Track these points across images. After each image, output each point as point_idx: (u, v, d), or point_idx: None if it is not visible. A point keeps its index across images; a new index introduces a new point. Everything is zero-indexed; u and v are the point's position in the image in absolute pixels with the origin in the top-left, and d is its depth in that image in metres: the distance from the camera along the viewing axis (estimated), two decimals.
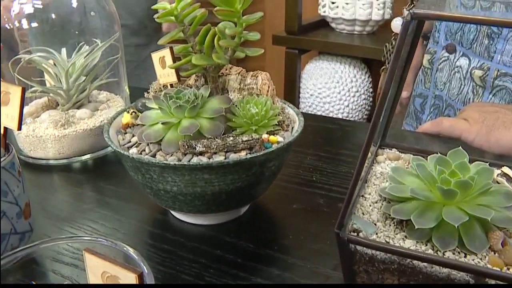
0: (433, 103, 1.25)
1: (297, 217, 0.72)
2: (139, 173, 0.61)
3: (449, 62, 1.16)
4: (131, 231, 0.69)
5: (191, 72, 0.67)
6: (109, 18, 0.93)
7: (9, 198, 0.59)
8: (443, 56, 1.19)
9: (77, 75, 0.89)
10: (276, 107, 0.66)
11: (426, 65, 1.26)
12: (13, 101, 0.61)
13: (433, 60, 1.24)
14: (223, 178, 0.59)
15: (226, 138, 0.60)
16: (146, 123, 0.63)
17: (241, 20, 0.63)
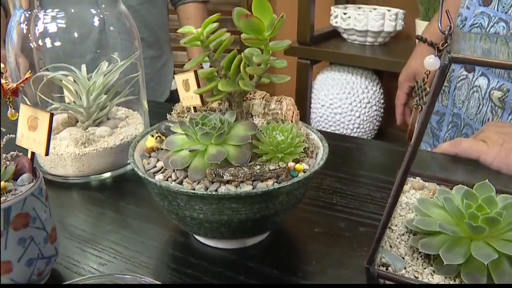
0: (451, 121, 1.25)
1: (319, 242, 0.72)
2: (165, 199, 0.61)
3: (468, 81, 1.15)
4: (154, 254, 0.69)
5: (217, 97, 0.67)
6: (129, 35, 0.93)
7: (37, 224, 0.59)
8: (461, 74, 1.18)
9: (98, 93, 0.89)
10: (302, 134, 0.66)
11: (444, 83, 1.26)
12: (41, 126, 0.61)
13: (451, 78, 1.23)
14: (250, 207, 0.59)
15: (253, 166, 0.61)
16: (171, 149, 0.63)
17: (268, 47, 0.63)
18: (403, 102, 1.51)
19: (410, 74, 1.44)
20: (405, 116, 1.54)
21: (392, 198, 0.48)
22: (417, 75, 1.42)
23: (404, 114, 1.54)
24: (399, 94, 1.51)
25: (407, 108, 1.53)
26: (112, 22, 0.93)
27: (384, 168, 0.93)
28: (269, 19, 0.60)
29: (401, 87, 1.49)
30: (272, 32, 0.60)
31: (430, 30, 1.40)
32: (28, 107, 0.63)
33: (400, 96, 1.51)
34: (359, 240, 0.72)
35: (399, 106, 1.53)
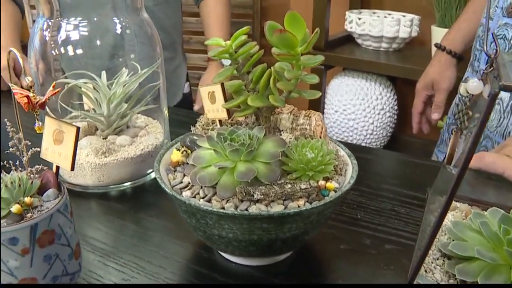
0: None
1: (344, 259, 0.70)
2: (193, 217, 0.59)
3: None
4: (178, 270, 0.68)
5: (246, 113, 0.65)
6: (151, 43, 0.92)
7: (62, 240, 0.58)
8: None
9: (118, 102, 0.88)
10: (332, 151, 0.64)
11: (463, 93, 1.24)
12: (67, 140, 0.60)
13: None
14: (281, 227, 0.57)
15: (283, 185, 0.59)
16: (199, 165, 0.62)
17: (299, 62, 0.61)
18: (420, 110, 1.49)
19: (428, 83, 1.43)
20: (422, 125, 1.53)
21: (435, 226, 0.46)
22: (435, 84, 1.40)
23: (420, 122, 1.53)
24: (417, 102, 1.49)
25: (423, 116, 1.52)
26: (134, 30, 0.91)
27: (407, 182, 0.92)
28: (302, 34, 0.59)
29: (419, 95, 1.48)
30: (306, 48, 0.59)
31: (449, 38, 1.39)
32: (54, 120, 0.61)
33: (417, 104, 1.49)
34: (385, 258, 0.70)
35: (416, 115, 1.51)
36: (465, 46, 1.35)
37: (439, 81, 1.39)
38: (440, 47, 1.39)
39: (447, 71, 1.37)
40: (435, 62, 1.41)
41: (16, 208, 0.54)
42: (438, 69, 1.39)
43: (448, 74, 1.37)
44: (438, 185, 0.65)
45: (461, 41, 1.35)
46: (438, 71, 1.39)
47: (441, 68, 1.38)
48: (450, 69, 1.37)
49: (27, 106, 0.57)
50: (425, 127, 1.53)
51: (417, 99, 1.49)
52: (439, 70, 1.38)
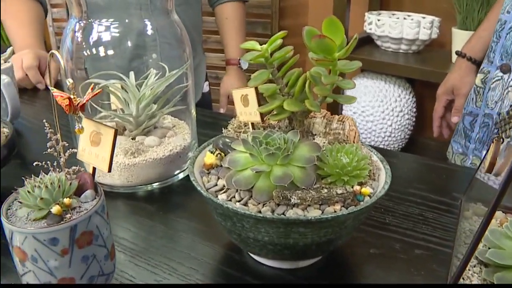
0: (482, 121, 1.28)
1: (374, 264, 0.70)
2: (229, 220, 0.60)
3: (503, 82, 1.18)
4: (209, 272, 0.68)
5: (281, 116, 0.66)
6: (180, 44, 0.92)
7: (99, 242, 0.58)
8: (496, 75, 1.21)
9: (147, 102, 0.88)
10: (366, 156, 0.64)
11: (478, 84, 1.29)
12: (105, 142, 0.60)
13: (486, 80, 1.26)
14: (318, 231, 0.57)
15: (320, 190, 0.59)
16: (234, 168, 0.62)
17: (336, 67, 0.61)
18: (441, 115, 1.54)
19: (448, 88, 1.47)
20: (442, 129, 1.56)
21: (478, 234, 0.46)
22: (455, 89, 1.45)
23: (441, 126, 1.57)
24: (437, 107, 1.53)
25: (443, 121, 1.56)
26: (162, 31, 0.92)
27: (434, 187, 0.92)
28: (340, 39, 0.59)
29: (440, 100, 1.52)
30: (344, 53, 0.59)
31: (469, 46, 1.43)
32: (91, 121, 0.62)
33: (438, 109, 1.54)
34: (415, 263, 0.70)
35: (437, 119, 1.55)
36: (484, 53, 1.38)
37: (460, 87, 1.44)
38: (461, 54, 1.44)
39: (467, 77, 1.42)
40: (456, 68, 1.46)
41: (56, 209, 0.55)
42: (459, 75, 1.44)
43: (468, 80, 1.42)
44: (472, 192, 0.65)
45: (481, 49, 1.40)
46: (458, 77, 1.44)
47: (461, 74, 1.43)
48: (470, 76, 1.42)
49: (68, 108, 0.58)
50: (445, 131, 1.58)
51: (438, 103, 1.53)
52: (460, 76, 1.44)
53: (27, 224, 0.55)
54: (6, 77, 1.05)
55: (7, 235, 0.56)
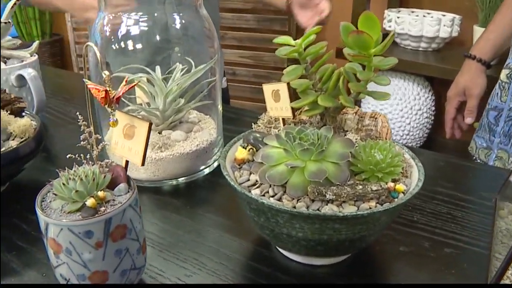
0: (507, 115, 1.29)
1: (404, 262, 0.70)
2: (263, 216, 0.59)
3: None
4: (239, 267, 0.68)
5: (314, 112, 0.65)
6: (210, 39, 0.92)
7: (132, 235, 0.58)
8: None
9: (174, 96, 0.88)
10: (399, 153, 0.64)
11: (504, 79, 1.31)
12: (139, 135, 0.60)
13: (511, 75, 1.28)
14: (353, 228, 0.57)
15: (355, 186, 0.59)
16: (268, 163, 0.62)
17: (371, 63, 0.61)
18: (453, 116, 1.56)
19: (460, 90, 1.49)
20: (454, 130, 1.59)
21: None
22: (467, 90, 1.47)
23: (453, 127, 1.59)
24: (449, 108, 1.56)
25: (455, 122, 1.58)
26: (194, 27, 0.91)
27: (461, 186, 0.91)
28: (377, 34, 0.58)
29: (451, 102, 1.54)
30: (381, 49, 0.58)
31: (478, 48, 1.45)
32: (125, 114, 0.62)
33: (450, 110, 1.56)
34: (445, 262, 0.70)
35: (449, 121, 1.58)
36: (493, 54, 1.44)
37: (472, 88, 1.46)
38: (470, 56, 1.46)
39: (479, 79, 1.45)
40: (466, 70, 1.48)
41: (90, 202, 0.55)
42: (470, 77, 1.46)
43: (480, 82, 1.45)
44: (508, 191, 0.64)
45: (489, 50, 1.43)
46: (469, 78, 1.46)
47: (472, 75, 1.46)
48: (481, 77, 1.45)
49: (103, 101, 0.57)
50: (457, 132, 1.61)
51: (449, 105, 1.56)
52: (471, 77, 1.46)
53: (62, 217, 0.55)
54: (32, 70, 1.05)
55: (41, 226, 0.56)
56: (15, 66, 1.07)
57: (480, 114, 1.46)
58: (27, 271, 0.68)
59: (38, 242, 0.74)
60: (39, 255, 0.71)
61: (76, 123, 1.12)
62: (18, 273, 0.68)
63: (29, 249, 0.73)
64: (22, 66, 1.08)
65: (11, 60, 1.10)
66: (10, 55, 1.10)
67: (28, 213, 0.81)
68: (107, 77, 0.57)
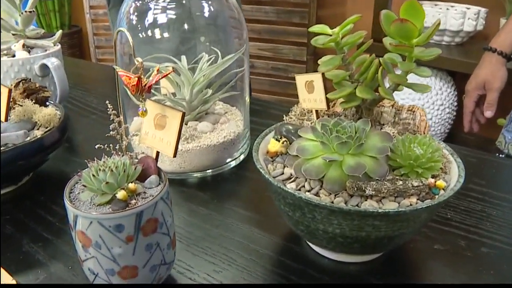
0: None
1: (440, 260, 0.67)
2: (298, 211, 0.57)
3: None
4: (270, 264, 0.66)
5: (352, 104, 0.63)
6: (238, 28, 0.90)
7: (163, 229, 0.56)
8: None
9: (201, 87, 0.86)
10: (439, 148, 0.61)
11: None
12: (171, 125, 0.58)
13: None
14: (392, 225, 0.55)
15: (395, 182, 0.56)
16: (303, 156, 0.60)
17: (412, 54, 0.58)
18: (472, 110, 1.55)
19: (479, 83, 1.48)
20: (472, 124, 1.58)
21: None
22: (487, 84, 1.46)
23: (471, 121, 1.59)
24: (468, 102, 1.55)
25: (474, 116, 1.57)
26: (223, 16, 0.89)
27: (494, 183, 0.88)
28: (420, 24, 0.55)
29: (470, 95, 1.53)
30: (424, 39, 0.56)
31: (499, 41, 1.45)
32: (156, 104, 0.60)
33: (468, 104, 1.55)
34: (483, 262, 0.67)
35: (467, 114, 1.57)
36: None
37: (492, 81, 1.45)
38: (491, 49, 1.46)
39: (499, 72, 1.44)
40: (486, 63, 1.47)
41: (121, 194, 0.53)
42: (490, 70, 1.45)
43: (500, 75, 1.44)
44: None
45: (510, 43, 1.43)
46: (489, 72, 1.45)
47: (492, 68, 1.45)
48: (501, 70, 1.45)
49: (135, 89, 0.55)
50: (475, 126, 1.60)
51: (468, 99, 1.55)
52: (491, 70, 1.45)
53: (92, 209, 0.53)
54: (55, 59, 1.03)
55: (70, 219, 0.54)
56: (39, 55, 1.05)
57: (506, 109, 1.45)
58: (54, 263, 0.66)
59: (63, 233, 0.72)
60: (64, 247, 0.70)
61: (98, 114, 1.11)
62: (45, 265, 0.66)
63: (54, 240, 0.71)
64: (46, 55, 1.06)
65: (35, 50, 1.08)
66: (34, 44, 1.09)
67: (52, 204, 0.80)
68: (140, 64, 0.54)
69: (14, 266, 0.66)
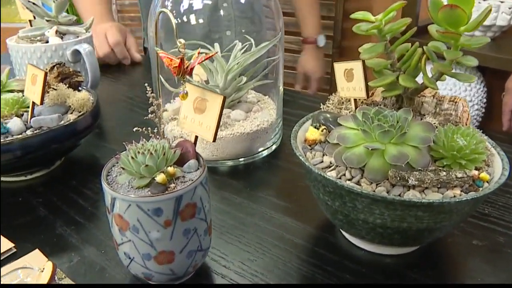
0: None
1: (479, 256, 0.66)
2: (338, 200, 0.56)
3: None
4: (305, 254, 0.65)
5: (394, 92, 0.61)
6: (273, 16, 0.89)
7: (201, 215, 0.55)
8: None
9: (235, 74, 0.85)
10: (483, 140, 0.60)
11: None
12: (211, 109, 0.57)
13: None
14: (435, 216, 0.53)
15: (438, 172, 0.55)
16: (344, 144, 0.58)
17: (458, 43, 0.57)
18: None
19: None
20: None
21: None
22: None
23: (511, 120, 1.52)
24: (508, 100, 1.49)
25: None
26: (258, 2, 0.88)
27: None
28: (470, 10, 0.54)
29: (510, 92, 1.48)
30: (473, 27, 0.54)
31: None
32: (196, 87, 0.59)
33: (509, 102, 1.49)
34: None
35: (507, 112, 1.51)
36: None
37: None
38: None
39: None
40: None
41: (161, 178, 0.52)
42: None
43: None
44: None
45: None
46: None
47: None
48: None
49: (177, 71, 0.54)
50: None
51: (509, 96, 1.49)
52: None
53: (130, 192, 0.52)
54: (87, 45, 1.03)
55: (107, 202, 0.53)
56: (71, 41, 1.06)
57: None
58: (86, 246, 0.66)
59: (94, 218, 0.72)
60: (97, 231, 0.69)
61: (127, 101, 1.10)
62: (78, 248, 0.66)
63: (86, 224, 0.71)
64: (78, 41, 1.06)
65: (67, 36, 1.09)
66: (66, 31, 1.09)
67: (84, 188, 0.80)
68: (183, 45, 0.54)
69: (48, 248, 0.65)
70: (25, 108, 0.80)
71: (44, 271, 0.58)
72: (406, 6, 1.95)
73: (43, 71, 0.74)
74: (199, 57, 0.56)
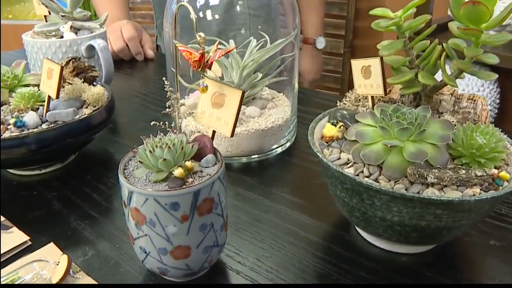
0: None
1: (496, 257, 0.65)
2: (356, 197, 0.56)
3: None
4: (322, 251, 0.65)
5: (413, 90, 0.61)
6: (293, 13, 0.88)
7: (218, 210, 0.55)
8: None
9: (250, 70, 0.84)
10: (503, 138, 0.59)
11: None
12: (229, 104, 0.57)
13: None
14: (454, 214, 0.53)
15: (457, 170, 0.54)
16: (362, 141, 0.58)
17: (479, 40, 0.56)
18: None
19: None
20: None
21: None
22: None
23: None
24: None
25: None
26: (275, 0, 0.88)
27: None
28: (492, 6, 0.53)
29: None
30: (496, 23, 0.54)
31: None
32: (214, 82, 0.59)
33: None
34: None
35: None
36: None
37: None
38: None
39: None
40: None
41: (178, 172, 0.52)
42: None
43: None
44: None
45: None
46: None
47: None
48: None
49: (196, 64, 0.54)
50: None
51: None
52: None
53: (148, 186, 0.52)
54: (102, 41, 1.03)
55: (124, 195, 0.53)
56: (86, 36, 1.06)
57: None
58: (101, 241, 0.66)
59: (108, 213, 0.72)
60: (111, 226, 0.69)
61: (141, 97, 1.10)
62: (92, 242, 0.66)
63: (100, 219, 0.71)
64: (92, 37, 1.06)
65: (82, 31, 1.09)
66: (81, 26, 1.09)
67: (98, 183, 0.80)
68: (202, 39, 0.53)
69: (63, 242, 0.65)
70: (40, 102, 0.80)
71: (60, 264, 0.58)
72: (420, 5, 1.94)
73: (59, 65, 0.74)
74: (218, 52, 0.55)
